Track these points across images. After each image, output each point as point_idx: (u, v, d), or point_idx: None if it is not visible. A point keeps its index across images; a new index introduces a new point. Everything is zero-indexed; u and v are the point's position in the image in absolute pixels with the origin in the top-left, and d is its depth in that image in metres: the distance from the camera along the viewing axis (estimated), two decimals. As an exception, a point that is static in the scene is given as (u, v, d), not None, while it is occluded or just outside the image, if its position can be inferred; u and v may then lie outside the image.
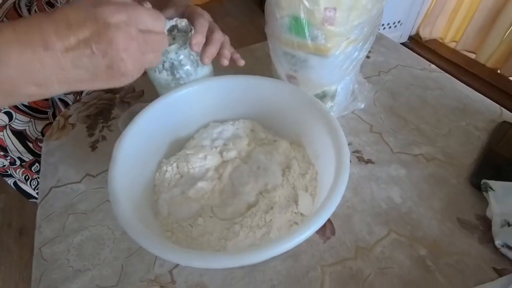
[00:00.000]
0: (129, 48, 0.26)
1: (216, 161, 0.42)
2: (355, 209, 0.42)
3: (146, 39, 0.28)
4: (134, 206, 0.33)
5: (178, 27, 0.40)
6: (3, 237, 1.28)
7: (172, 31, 0.41)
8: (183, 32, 0.40)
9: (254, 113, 0.47)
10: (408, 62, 0.65)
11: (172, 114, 0.43)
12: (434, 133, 0.50)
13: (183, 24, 0.39)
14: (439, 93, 0.57)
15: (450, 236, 0.39)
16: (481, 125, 0.51)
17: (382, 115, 0.54)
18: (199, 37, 0.38)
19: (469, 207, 0.41)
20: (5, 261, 1.21)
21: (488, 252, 0.37)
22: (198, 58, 0.41)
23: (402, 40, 2.00)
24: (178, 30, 0.40)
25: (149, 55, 0.29)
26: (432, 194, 0.43)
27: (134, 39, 0.26)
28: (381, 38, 0.71)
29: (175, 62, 0.39)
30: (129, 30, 0.26)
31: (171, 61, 0.39)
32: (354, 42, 0.39)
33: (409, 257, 0.37)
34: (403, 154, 0.48)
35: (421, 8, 1.85)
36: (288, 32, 0.40)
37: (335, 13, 0.36)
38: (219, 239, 0.36)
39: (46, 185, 0.47)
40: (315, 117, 0.39)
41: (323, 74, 0.43)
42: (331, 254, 0.38)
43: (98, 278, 0.37)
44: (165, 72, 0.40)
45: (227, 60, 0.42)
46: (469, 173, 0.44)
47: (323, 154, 0.39)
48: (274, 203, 0.37)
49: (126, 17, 0.26)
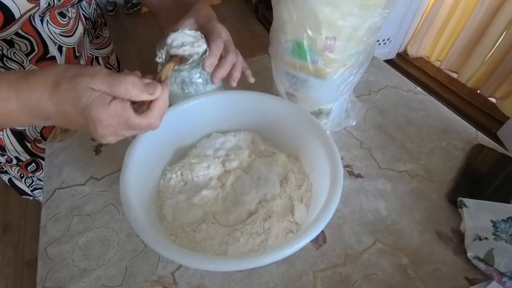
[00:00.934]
0: (104, 133, 0.32)
1: (219, 171, 0.45)
2: (345, 219, 0.45)
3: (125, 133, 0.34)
4: (143, 210, 0.36)
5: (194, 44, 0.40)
6: (-14, 234, 1.25)
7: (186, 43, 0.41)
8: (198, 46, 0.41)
9: (254, 126, 0.50)
10: (396, 83, 0.70)
11: (179, 124, 0.45)
12: (417, 151, 0.55)
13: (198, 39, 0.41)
14: (423, 114, 0.62)
15: (429, 246, 0.43)
16: (460, 145, 0.56)
17: (371, 132, 0.58)
18: (213, 59, 0.41)
19: (446, 220, 0.45)
20: (-12, 258, 1.18)
21: (461, 262, 0.41)
22: (209, 77, 0.44)
23: (391, 56, 2.08)
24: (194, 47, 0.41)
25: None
26: (414, 207, 0.47)
27: (112, 135, 0.33)
28: (373, 59, 0.76)
29: (186, 79, 0.42)
30: (108, 129, 0.32)
31: (182, 77, 0.42)
32: (350, 68, 0.44)
33: (392, 265, 0.41)
34: (390, 170, 0.52)
35: (409, 27, 1.94)
36: (291, 55, 0.44)
37: (335, 42, 0.40)
38: (220, 244, 0.38)
39: (51, 186, 0.48)
40: (312, 133, 0.43)
41: (320, 94, 0.47)
42: (323, 260, 0.41)
43: (103, 277, 0.39)
44: (176, 86, 0.43)
45: (235, 82, 0.44)
46: (447, 190, 0.49)
47: (318, 167, 0.42)
48: (272, 212, 0.41)
49: (109, 121, 0.31)
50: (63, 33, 0.54)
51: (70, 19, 0.55)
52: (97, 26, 0.68)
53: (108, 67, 0.74)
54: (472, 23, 1.68)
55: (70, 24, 0.55)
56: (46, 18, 0.50)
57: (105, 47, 0.72)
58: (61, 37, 0.54)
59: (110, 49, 0.74)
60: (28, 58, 0.51)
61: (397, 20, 1.87)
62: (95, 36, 0.68)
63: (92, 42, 0.68)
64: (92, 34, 0.67)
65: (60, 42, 0.54)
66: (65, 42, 0.55)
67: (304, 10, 0.38)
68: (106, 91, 0.31)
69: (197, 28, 0.43)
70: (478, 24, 1.66)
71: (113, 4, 2.60)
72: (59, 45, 0.54)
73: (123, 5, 2.62)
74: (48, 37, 0.52)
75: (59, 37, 0.54)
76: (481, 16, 1.63)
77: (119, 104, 0.31)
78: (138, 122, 0.32)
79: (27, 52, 0.50)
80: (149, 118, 0.33)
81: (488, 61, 1.68)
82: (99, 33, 0.69)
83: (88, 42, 0.66)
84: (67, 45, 0.56)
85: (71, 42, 0.56)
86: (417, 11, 1.87)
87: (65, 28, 0.54)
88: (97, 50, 0.69)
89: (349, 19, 0.38)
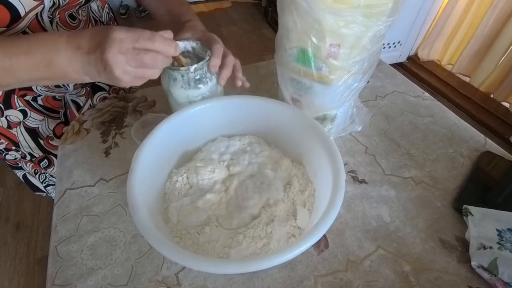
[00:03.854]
0: (116, 59, 0.34)
1: (223, 175, 0.46)
2: (348, 225, 0.46)
3: (137, 56, 0.35)
4: (149, 213, 0.37)
5: (195, 51, 0.47)
6: (0, 230, 1.29)
7: (189, 51, 0.47)
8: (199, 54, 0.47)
9: (259, 130, 0.51)
10: (403, 88, 0.69)
11: (185, 128, 0.47)
12: (423, 158, 0.55)
13: (199, 47, 0.47)
14: (429, 120, 0.62)
15: (432, 254, 0.43)
16: (466, 153, 0.56)
17: (376, 138, 0.58)
18: (216, 61, 0.45)
19: (450, 228, 0.45)
20: (1, 254, 1.22)
21: (465, 271, 0.41)
22: (211, 77, 0.47)
23: (401, 59, 2.07)
24: (195, 54, 0.47)
25: (142, 70, 0.37)
26: (418, 215, 0.47)
27: (122, 53, 0.35)
28: (380, 64, 0.76)
29: (191, 80, 0.45)
30: (120, 46, 0.34)
31: (188, 77, 0.45)
32: (354, 75, 0.44)
33: (394, 272, 0.41)
34: (394, 176, 0.52)
35: (420, 30, 1.92)
36: (296, 61, 0.44)
37: (339, 50, 0.41)
38: (223, 247, 0.39)
39: (62, 186, 0.50)
40: (315, 139, 0.43)
41: (325, 100, 0.48)
42: (324, 265, 0.41)
43: (110, 277, 0.40)
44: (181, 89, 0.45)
45: (240, 82, 0.50)
46: (452, 197, 0.49)
47: (321, 173, 0.43)
48: (275, 216, 0.41)
49: (124, 35, 0.35)
50: None
51: (80, 22, 0.57)
52: None
53: None
54: (484, 27, 1.65)
55: (81, 27, 0.57)
56: (55, 19, 0.52)
57: None
58: None
59: None
60: None
61: (408, 23, 1.85)
62: None
63: None
64: None
65: None
66: None
67: (309, 18, 0.39)
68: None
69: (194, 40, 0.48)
70: (491, 28, 1.64)
71: (126, 8, 2.66)
72: None
73: (135, 8, 2.67)
74: None
75: None
76: (493, 20, 1.61)
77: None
78: (148, 34, 0.36)
79: None
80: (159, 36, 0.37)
81: (501, 65, 1.64)
82: None
83: None
84: None
85: None
86: (428, 14, 1.84)
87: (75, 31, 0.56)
88: None
89: (353, 27, 0.38)
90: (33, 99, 0.61)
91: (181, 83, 0.45)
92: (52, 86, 0.61)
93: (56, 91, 0.63)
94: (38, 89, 0.60)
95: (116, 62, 0.35)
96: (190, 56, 0.48)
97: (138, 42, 0.35)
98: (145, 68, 0.37)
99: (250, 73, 0.73)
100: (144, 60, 0.36)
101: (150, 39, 0.36)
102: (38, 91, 0.61)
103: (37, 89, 0.60)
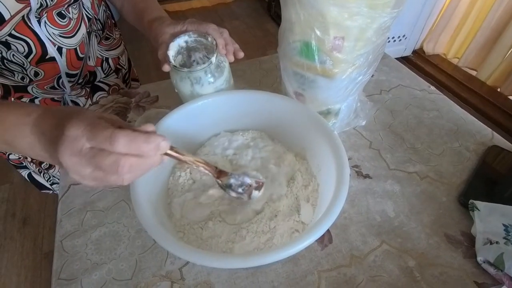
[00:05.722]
0: (68, 162, 0.27)
1: (227, 169, 0.45)
2: (352, 220, 0.45)
3: (92, 159, 0.27)
4: (152, 208, 0.37)
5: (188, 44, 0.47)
6: (7, 226, 1.31)
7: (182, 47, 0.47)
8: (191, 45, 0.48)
9: (263, 125, 0.51)
10: (408, 82, 0.68)
11: (188, 123, 0.46)
12: (428, 152, 0.54)
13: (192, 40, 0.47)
14: (435, 114, 0.61)
15: (437, 249, 0.42)
16: (472, 147, 0.55)
17: (381, 133, 0.58)
18: (221, 40, 0.47)
19: (456, 223, 0.45)
20: (9, 249, 1.24)
21: (470, 266, 0.41)
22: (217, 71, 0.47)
23: (406, 53, 2.04)
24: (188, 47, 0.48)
25: (101, 174, 0.28)
26: (422, 209, 0.46)
27: (74, 155, 0.27)
28: (384, 57, 0.75)
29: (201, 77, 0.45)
30: (72, 146, 0.27)
31: (196, 76, 0.45)
32: (358, 68, 0.43)
33: (398, 267, 0.41)
34: (399, 171, 0.51)
35: (425, 23, 1.89)
36: (299, 55, 0.44)
37: (343, 42, 0.40)
38: (226, 242, 0.39)
39: (66, 182, 0.50)
40: (319, 134, 0.43)
41: (329, 94, 0.47)
42: (328, 260, 0.41)
43: (114, 271, 0.41)
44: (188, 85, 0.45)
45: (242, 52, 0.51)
46: (458, 192, 0.48)
47: (325, 168, 0.42)
48: (278, 211, 0.41)
49: (79, 132, 0.27)
50: (63, 34, 0.54)
51: (71, 20, 0.55)
52: (106, 27, 0.69)
53: (118, 68, 0.75)
54: (491, 19, 1.62)
55: (71, 25, 0.55)
56: (43, 19, 0.50)
57: (115, 49, 0.73)
58: (60, 38, 0.54)
59: (121, 50, 0.75)
60: (27, 59, 0.52)
61: (413, 16, 1.82)
62: (104, 37, 0.69)
63: (101, 43, 0.68)
64: (101, 35, 0.68)
65: (59, 43, 0.54)
66: (65, 43, 0.55)
67: (312, 11, 0.38)
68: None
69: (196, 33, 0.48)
70: (498, 20, 1.61)
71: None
72: (59, 46, 0.54)
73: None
74: (47, 38, 0.52)
75: (59, 38, 0.54)
76: (500, 12, 1.58)
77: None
78: (108, 132, 0.26)
79: (25, 53, 0.51)
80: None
81: (508, 58, 1.62)
82: (109, 34, 0.70)
83: (97, 43, 0.67)
84: (68, 46, 0.56)
85: (72, 43, 0.57)
86: (433, 7, 1.81)
87: (65, 29, 0.54)
88: (107, 52, 0.71)
89: (357, 19, 0.37)
90: (30, 102, 0.60)
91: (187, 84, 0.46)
92: (47, 88, 0.60)
93: (53, 93, 0.62)
94: (34, 91, 0.60)
95: (68, 166, 0.28)
96: (182, 51, 0.47)
97: (94, 141, 0.27)
98: (105, 172, 0.27)
99: (253, 68, 0.73)
100: (100, 164, 0.27)
101: (107, 139, 0.26)
102: (34, 93, 0.60)
103: (32, 91, 0.60)
